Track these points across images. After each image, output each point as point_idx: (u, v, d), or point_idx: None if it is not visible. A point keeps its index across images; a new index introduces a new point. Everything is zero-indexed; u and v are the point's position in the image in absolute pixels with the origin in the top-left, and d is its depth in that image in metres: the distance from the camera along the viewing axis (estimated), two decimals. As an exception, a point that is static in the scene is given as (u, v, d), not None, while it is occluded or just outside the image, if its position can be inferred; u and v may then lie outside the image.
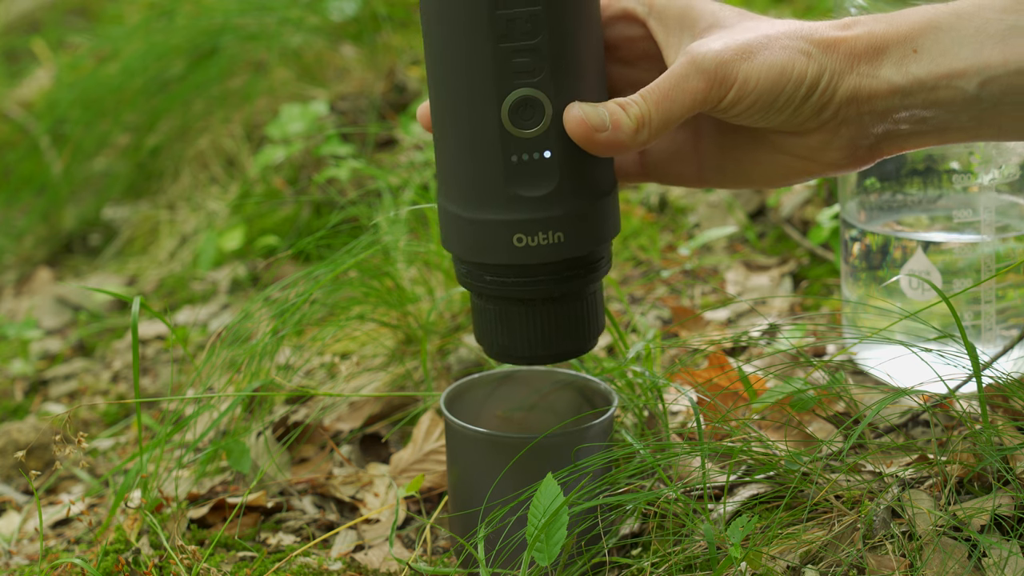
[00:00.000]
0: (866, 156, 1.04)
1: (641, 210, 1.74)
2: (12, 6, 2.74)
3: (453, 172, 1.04)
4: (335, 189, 1.80)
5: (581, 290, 1.06)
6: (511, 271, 1.04)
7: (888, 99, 1.01)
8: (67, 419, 1.24)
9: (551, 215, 1.02)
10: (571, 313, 1.06)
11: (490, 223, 1.03)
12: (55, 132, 2.13)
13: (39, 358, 1.78)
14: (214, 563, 1.22)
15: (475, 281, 1.06)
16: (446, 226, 1.06)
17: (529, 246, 1.02)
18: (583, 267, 1.05)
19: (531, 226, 1.02)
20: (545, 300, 1.05)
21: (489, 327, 1.07)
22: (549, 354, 1.07)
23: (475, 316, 1.08)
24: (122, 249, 2.01)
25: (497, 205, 1.02)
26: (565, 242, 1.03)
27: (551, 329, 1.06)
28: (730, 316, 1.51)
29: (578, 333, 1.07)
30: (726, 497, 1.16)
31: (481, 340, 1.08)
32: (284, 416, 1.39)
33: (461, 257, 1.06)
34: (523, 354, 1.07)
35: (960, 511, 1.12)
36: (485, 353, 1.09)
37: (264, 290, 1.42)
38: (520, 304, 1.05)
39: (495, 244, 1.03)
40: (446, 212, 1.05)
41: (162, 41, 2.09)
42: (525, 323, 1.06)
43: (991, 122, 1.01)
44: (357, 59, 2.08)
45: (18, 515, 1.41)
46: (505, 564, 1.13)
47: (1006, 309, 1.31)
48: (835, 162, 1.05)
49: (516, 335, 1.06)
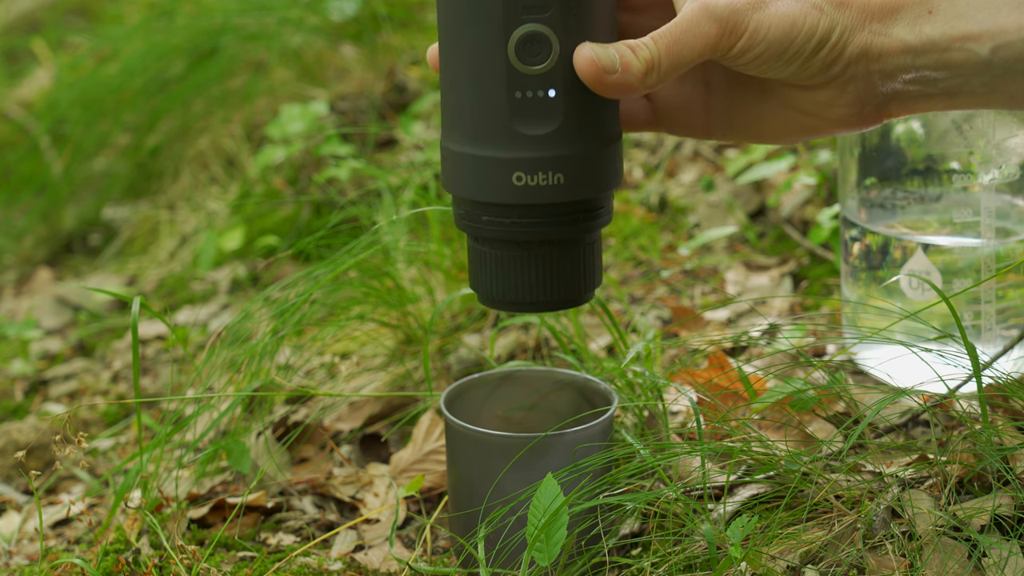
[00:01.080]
0: (873, 115, 1.04)
1: (641, 210, 1.74)
2: (12, 6, 2.75)
3: (457, 109, 1.02)
4: (335, 189, 1.80)
5: (579, 237, 1.04)
6: (509, 211, 1.02)
7: (899, 58, 1.01)
8: (67, 419, 1.24)
9: (552, 155, 1.01)
10: (568, 260, 1.04)
11: (490, 160, 1.01)
12: (55, 132, 2.13)
13: (39, 358, 1.78)
14: (214, 563, 1.22)
15: (472, 222, 1.04)
16: (446, 165, 1.04)
17: (528, 186, 1.01)
18: (582, 212, 1.03)
19: (531, 165, 1.01)
20: (542, 244, 1.03)
21: (485, 272, 1.05)
22: (544, 301, 1.05)
23: (471, 261, 1.06)
24: (122, 249, 2.01)
25: (498, 142, 1.01)
26: (565, 184, 1.01)
27: (547, 275, 1.04)
28: (730, 316, 1.51)
29: (575, 282, 1.05)
30: (726, 497, 1.16)
31: (476, 287, 1.06)
32: (284, 416, 1.39)
33: (459, 196, 1.04)
34: (518, 300, 1.05)
35: (960, 511, 1.12)
36: (479, 301, 1.07)
37: (264, 290, 1.42)
38: (517, 247, 1.03)
39: (494, 182, 1.02)
40: (447, 151, 1.04)
41: (162, 41, 2.09)
42: (521, 268, 1.04)
43: (1002, 89, 1.00)
44: (357, 59, 2.08)
45: (18, 515, 1.41)
46: (505, 564, 1.13)
47: (1006, 309, 1.31)
48: (842, 119, 1.04)
49: (512, 280, 1.04)
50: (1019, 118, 1.27)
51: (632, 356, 1.29)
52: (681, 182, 1.79)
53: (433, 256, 1.49)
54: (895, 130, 1.31)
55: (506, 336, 1.49)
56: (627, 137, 1.90)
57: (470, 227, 1.04)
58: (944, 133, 1.29)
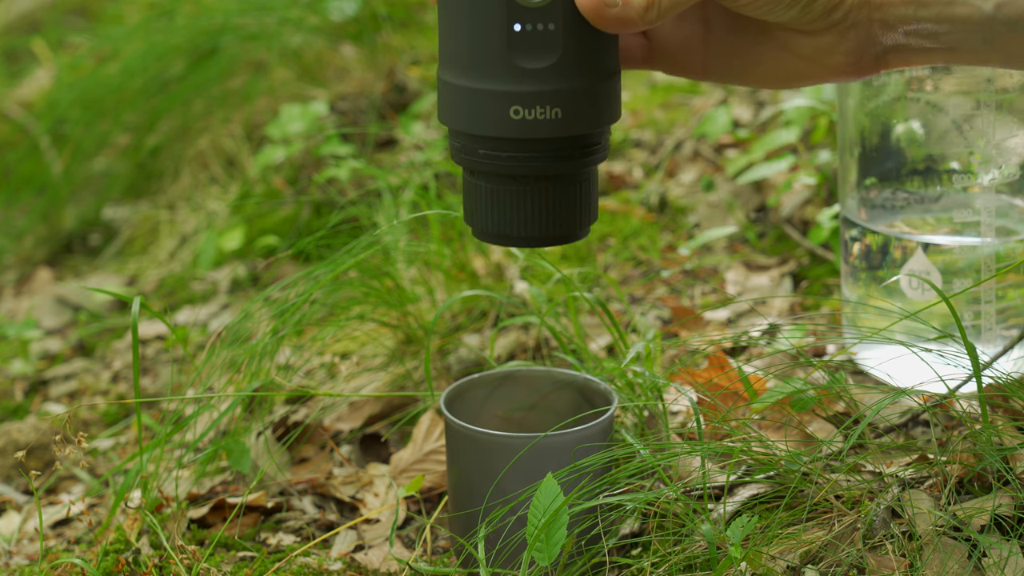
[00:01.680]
0: (871, 65, 1.04)
1: (641, 210, 1.74)
2: (12, 6, 2.74)
3: (455, 40, 1.02)
4: (335, 189, 1.80)
5: (576, 173, 1.04)
6: (505, 144, 1.02)
7: (901, 8, 1.00)
8: (67, 419, 1.24)
9: (550, 89, 1.00)
10: (564, 196, 1.04)
11: (487, 93, 1.01)
12: (55, 132, 2.12)
13: (39, 358, 1.78)
14: (214, 563, 1.22)
15: (468, 156, 1.03)
16: (443, 99, 1.04)
17: (526, 119, 1.01)
18: (579, 148, 1.03)
19: (529, 99, 1.00)
20: (538, 179, 1.03)
21: (480, 206, 1.04)
22: (539, 236, 1.04)
23: (466, 195, 1.05)
24: (122, 249, 2.01)
25: (496, 75, 1.00)
26: (562, 119, 1.01)
27: (543, 210, 1.03)
28: (730, 316, 1.51)
29: (570, 218, 1.04)
30: (726, 497, 1.16)
31: (471, 221, 1.06)
32: (284, 416, 1.39)
33: (456, 129, 1.04)
34: (513, 235, 1.04)
35: (960, 511, 1.12)
36: (474, 235, 1.07)
37: (264, 290, 1.42)
38: (513, 182, 1.03)
39: (491, 115, 1.01)
40: (444, 84, 1.03)
41: (162, 41, 2.09)
42: (516, 202, 1.03)
43: (1001, 47, 1.00)
44: (357, 59, 2.08)
45: (18, 515, 1.41)
46: (505, 564, 1.13)
47: (1006, 309, 1.31)
48: (839, 67, 1.04)
49: (507, 215, 1.04)
50: (1019, 118, 1.27)
51: (632, 356, 1.29)
52: (681, 182, 1.79)
53: (433, 256, 1.49)
54: (895, 130, 1.31)
55: (506, 336, 1.49)
56: (627, 137, 1.90)
57: (466, 160, 1.04)
58: (944, 133, 1.29)
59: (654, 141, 1.89)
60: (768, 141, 1.73)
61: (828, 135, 1.72)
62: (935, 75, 1.28)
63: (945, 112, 1.28)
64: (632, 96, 2.01)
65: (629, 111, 1.96)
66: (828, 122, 1.72)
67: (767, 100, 1.90)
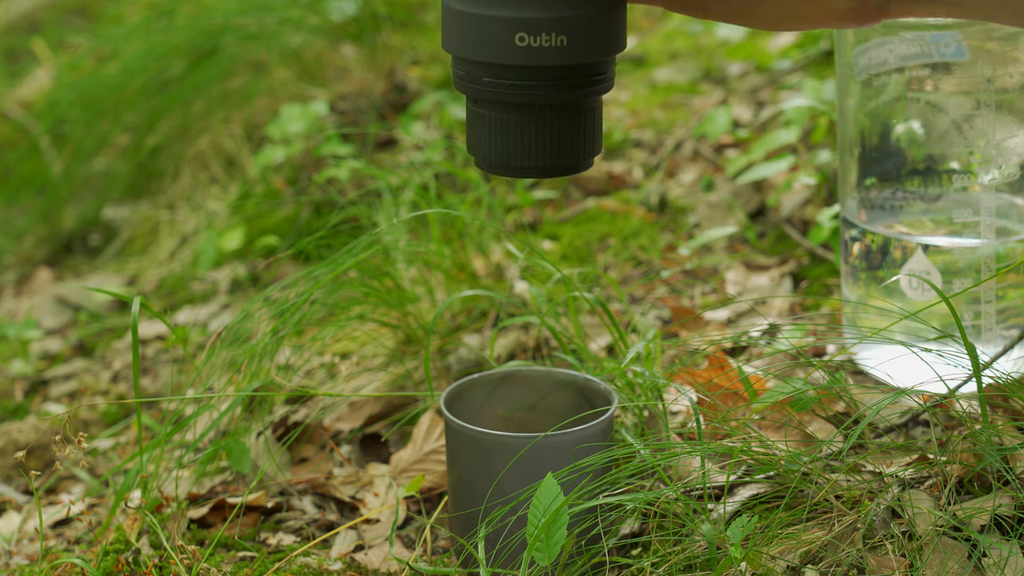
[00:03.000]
0: (873, 13, 1.03)
1: (641, 210, 1.74)
2: (12, 6, 2.74)
3: None
4: (335, 189, 1.80)
5: (580, 102, 1.03)
6: (510, 72, 1.01)
7: None
8: (67, 419, 1.24)
9: (556, 15, 0.99)
10: (568, 125, 1.03)
11: (493, 19, 1.00)
12: (55, 132, 2.12)
13: (39, 358, 1.78)
14: (214, 563, 1.22)
15: (472, 84, 1.02)
16: (448, 24, 1.03)
17: (531, 47, 1.00)
18: (584, 76, 1.02)
19: (534, 25, 0.99)
20: (543, 107, 1.02)
21: (484, 136, 1.03)
22: (543, 167, 1.03)
23: (469, 125, 1.05)
24: (122, 249, 2.01)
25: (501, 1, 1.00)
26: (568, 46, 1.00)
27: (547, 140, 1.03)
28: (730, 316, 1.51)
29: (574, 148, 1.03)
30: (726, 497, 1.16)
31: (475, 151, 1.05)
32: (284, 416, 1.39)
33: (460, 55, 1.03)
34: (517, 164, 1.03)
35: (960, 511, 1.12)
36: (476, 165, 1.06)
37: (264, 290, 1.42)
38: (517, 110, 1.02)
39: (496, 42, 1.00)
40: (449, 9, 1.02)
41: (162, 41, 2.08)
42: (520, 131, 1.02)
43: (1005, 2, 0.99)
44: (357, 59, 2.08)
45: (18, 515, 1.41)
46: (505, 564, 1.13)
47: (1006, 309, 1.31)
48: (841, 12, 1.03)
49: (511, 144, 1.03)
50: (1019, 118, 1.27)
51: (632, 356, 1.29)
52: (681, 182, 1.79)
53: (433, 256, 1.49)
54: (895, 130, 1.31)
55: (506, 336, 1.49)
56: (627, 137, 1.90)
57: (469, 88, 1.03)
58: (944, 133, 1.29)
59: (654, 141, 1.89)
60: (768, 141, 1.73)
61: (828, 135, 1.72)
62: (935, 75, 1.28)
63: (945, 112, 1.28)
64: (632, 96, 2.01)
65: (629, 111, 1.96)
66: (828, 122, 1.72)
67: (767, 100, 1.90)
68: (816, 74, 1.87)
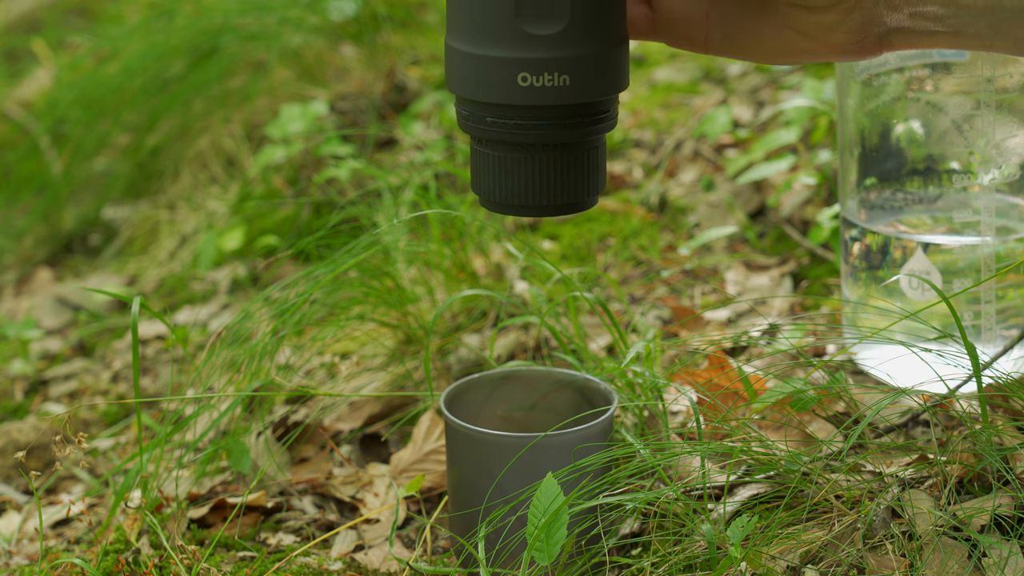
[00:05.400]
0: (874, 46, 1.03)
1: (641, 210, 1.74)
2: (12, 6, 2.74)
3: (462, 6, 1.01)
4: (335, 189, 1.80)
5: (584, 141, 1.03)
6: (513, 112, 1.01)
7: None
8: (67, 419, 1.24)
9: (558, 56, 1.00)
10: (572, 164, 1.03)
11: (495, 60, 1.00)
12: (55, 132, 2.12)
13: (39, 358, 1.78)
14: (214, 563, 1.22)
15: (476, 124, 1.03)
16: (451, 65, 1.03)
17: (534, 86, 1.00)
18: (587, 116, 1.02)
19: (537, 65, 1.00)
20: (546, 147, 1.02)
21: (488, 175, 1.04)
22: (547, 205, 1.04)
23: (474, 164, 1.05)
24: (122, 249, 2.01)
25: (504, 41, 1.00)
26: (571, 86, 1.00)
27: (551, 179, 1.03)
28: (730, 316, 1.51)
29: (578, 186, 1.04)
30: (726, 497, 1.16)
31: (479, 190, 1.05)
32: (284, 416, 1.39)
33: (464, 96, 1.03)
34: (521, 204, 1.03)
35: (960, 511, 1.12)
36: (480, 204, 1.06)
37: (264, 290, 1.42)
38: (521, 150, 1.02)
39: (499, 82, 1.00)
40: (452, 50, 1.03)
41: (162, 41, 2.08)
42: (524, 171, 1.03)
43: (1008, 33, 0.99)
44: (357, 59, 2.08)
45: (18, 515, 1.41)
46: (505, 564, 1.13)
47: (1006, 309, 1.31)
48: (841, 46, 1.03)
49: (514, 184, 1.03)
50: (1019, 118, 1.27)
51: (632, 356, 1.29)
52: (681, 182, 1.79)
53: (433, 256, 1.49)
54: (895, 130, 1.31)
55: (506, 336, 1.49)
56: (627, 137, 1.90)
57: (473, 128, 1.03)
58: (944, 133, 1.29)
59: (654, 141, 1.89)
60: (768, 141, 1.73)
61: (828, 135, 1.72)
62: (935, 75, 1.28)
63: (945, 112, 1.28)
64: (632, 96, 2.01)
65: (629, 111, 1.96)
66: (828, 122, 1.72)
67: (767, 100, 1.90)
68: (816, 74, 1.87)
